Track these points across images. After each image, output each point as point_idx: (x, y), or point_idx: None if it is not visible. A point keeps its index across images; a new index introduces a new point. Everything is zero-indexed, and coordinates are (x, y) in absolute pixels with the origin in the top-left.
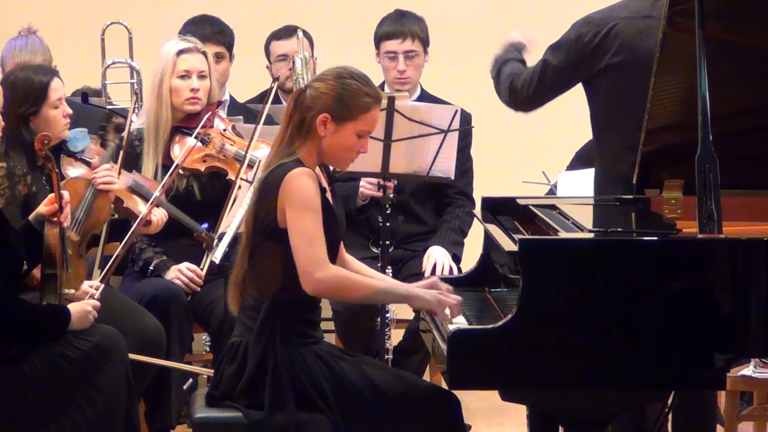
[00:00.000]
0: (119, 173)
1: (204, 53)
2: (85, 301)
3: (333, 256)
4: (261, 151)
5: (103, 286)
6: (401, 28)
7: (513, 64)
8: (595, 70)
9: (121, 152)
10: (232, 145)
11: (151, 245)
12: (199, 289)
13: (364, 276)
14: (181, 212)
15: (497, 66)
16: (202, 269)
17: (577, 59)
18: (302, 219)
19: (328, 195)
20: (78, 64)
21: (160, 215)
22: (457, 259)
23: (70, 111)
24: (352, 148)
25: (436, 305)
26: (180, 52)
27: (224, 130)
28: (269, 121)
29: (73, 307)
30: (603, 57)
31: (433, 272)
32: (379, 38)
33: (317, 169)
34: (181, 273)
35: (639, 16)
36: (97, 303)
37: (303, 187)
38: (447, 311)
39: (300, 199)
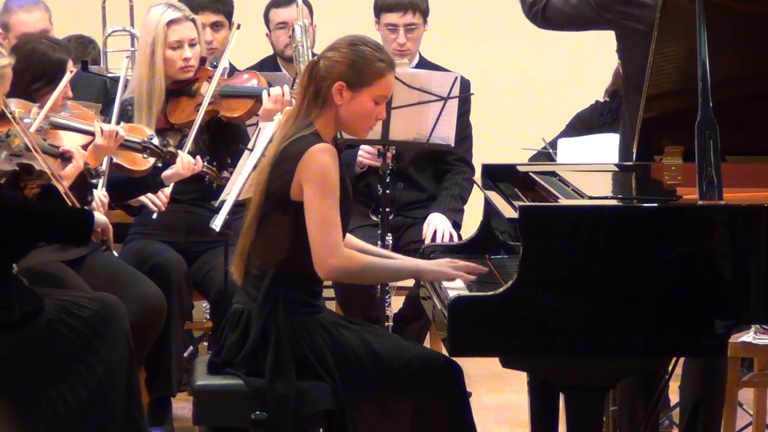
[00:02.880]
0: None
1: (193, 20)
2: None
3: (343, 234)
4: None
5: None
6: (402, 0)
7: None
8: (623, 31)
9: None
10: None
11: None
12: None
13: (373, 255)
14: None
15: None
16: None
17: (607, 14)
18: (320, 201)
19: None
20: (79, 32)
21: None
22: (457, 226)
23: (70, 95)
24: (370, 115)
25: (446, 273)
26: (170, 23)
27: (209, 78)
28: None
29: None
30: (636, 20)
31: (434, 239)
32: (380, 9)
33: None
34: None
35: None
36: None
37: (324, 166)
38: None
39: (320, 180)
